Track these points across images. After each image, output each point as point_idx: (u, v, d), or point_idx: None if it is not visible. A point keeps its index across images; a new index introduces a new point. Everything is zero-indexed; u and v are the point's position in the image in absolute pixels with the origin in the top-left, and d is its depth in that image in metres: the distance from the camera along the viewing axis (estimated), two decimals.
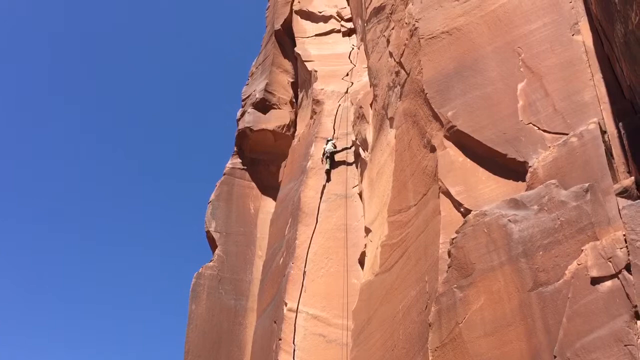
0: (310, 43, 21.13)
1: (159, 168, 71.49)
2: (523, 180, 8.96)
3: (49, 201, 66.49)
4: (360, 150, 15.30)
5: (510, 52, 10.26)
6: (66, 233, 66.50)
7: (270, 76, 21.50)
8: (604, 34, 8.69)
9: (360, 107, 15.81)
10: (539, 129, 9.18)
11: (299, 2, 22.81)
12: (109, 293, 66.13)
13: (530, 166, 8.90)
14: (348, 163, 16.04)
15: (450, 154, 10.23)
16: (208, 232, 19.21)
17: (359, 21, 19.51)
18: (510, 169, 9.29)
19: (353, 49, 20.05)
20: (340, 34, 21.34)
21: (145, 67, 71.55)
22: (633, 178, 7.76)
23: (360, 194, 14.84)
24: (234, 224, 19.35)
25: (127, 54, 72.33)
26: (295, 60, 21.34)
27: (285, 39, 22.40)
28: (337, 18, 21.88)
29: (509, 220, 8.39)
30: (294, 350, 12.86)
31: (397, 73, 13.01)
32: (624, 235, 7.19)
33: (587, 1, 9.47)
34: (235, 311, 17.59)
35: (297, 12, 22.50)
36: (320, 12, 22.21)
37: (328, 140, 16.52)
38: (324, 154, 16.29)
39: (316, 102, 18.08)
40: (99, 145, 68.97)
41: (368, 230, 13.32)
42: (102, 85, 70.12)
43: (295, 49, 21.16)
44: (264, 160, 20.72)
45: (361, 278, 13.14)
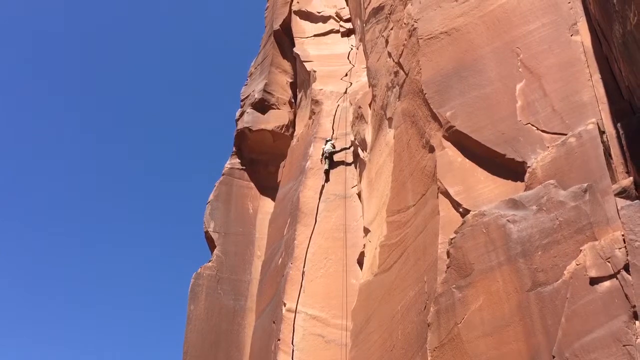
0: (309, 43, 21.14)
1: (158, 168, 71.49)
2: (522, 180, 8.96)
3: (48, 201, 66.49)
4: (359, 150, 15.30)
5: (509, 53, 10.26)
6: (65, 233, 66.52)
7: (269, 76, 21.50)
8: (603, 35, 8.69)
9: (359, 108, 15.81)
10: (538, 129, 9.18)
11: (298, 3, 22.81)
12: (108, 293, 66.16)
13: (529, 166, 8.90)
14: (347, 163, 16.04)
15: (449, 154, 10.23)
16: (207, 233, 19.20)
17: (358, 21, 19.51)
18: (509, 169, 9.29)
19: (352, 49, 20.05)
20: (339, 35, 21.34)
21: (144, 67, 71.57)
22: (631, 178, 7.77)
23: (359, 194, 14.84)
24: (233, 224, 19.34)
25: (127, 54, 72.33)
26: (294, 60, 21.33)
27: (284, 39, 22.39)
28: (336, 18, 21.89)
29: (508, 220, 8.39)
30: (293, 350, 12.85)
31: (396, 73, 13.01)
32: (623, 235, 7.20)
33: (586, 2, 9.47)
34: (234, 311, 17.59)
35: (296, 13, 22.50)
36: (319, 13, 22.22)
37: (327, 141, 16.52)
38: (323, 154, 16.29)
39: (315, 103, 18.07)
40: (98, 145, 68.99)
41: (367, 231, 13.32)
42: (102, 85, 70.14)
43: (294, 49, 21.16)
44: (263, 160, 20.72)
45: (360, 278, 13.12)
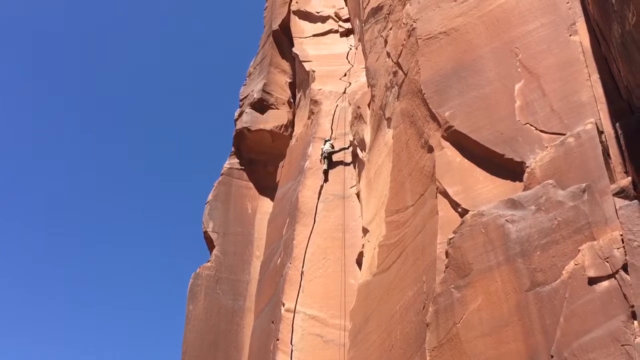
0: (308, 43, 21.14)
1: (157, 168, 71.48)
2: (520, 180, 8.96)
3: (48, 201, 66.46)
4: (358, 150, 15.30)
5: (507, 53, 10.26)
6: (65, 233, 66.50)
7: (268, 76, 21.50)
8: (601, 35, 8.70)
9: (358, 108, 15.81)
10: (537, 129, 9.18)
11: (297, 3, 22.81)
12: (107, 293, 66.15)
13: (527, 166, 8.90)
14: (346, 163, 16.04)
15: (448, 154, 10.23)
16: (205, 233, 19.18)
17: (357, 21, 19.51)
18: (508, 169, 9.29)
19: (351, 49, 20.05)
20: (338, 34, 21.35)
21: (144, 67, 71.55)
22: (630, 178, 7.77)
23: (358, 194, 14.83)
24: (232, 224, 19.33)
25: (126, 54, 72.31)
26: (293, 60, 21.32)
27: (283, 39, 22.39)
28: (335, 18, 21.90)
29: (507, 220, 8.39)
30: (292, 350, 12.84)
31: (395, 73, 13.01)
32: (621, 235, 7.20)
33: (584, 2, 9.47)
34: (232, 311, 17.58)
35: (295, 13, 22.50)
36: (318, 13, 22.23)
37: (326, 141, 16.52)
38: (322, 154, 16.28)
39: (314, 103, 18.07)
40: (98, 145, 68.99)
41: (366, 231, 13.31)
42: (102, 86, 70.13)
43: (293, 49, 21.16)
44: (262, 160, 20.71)
45: (359, 278, 13.12)
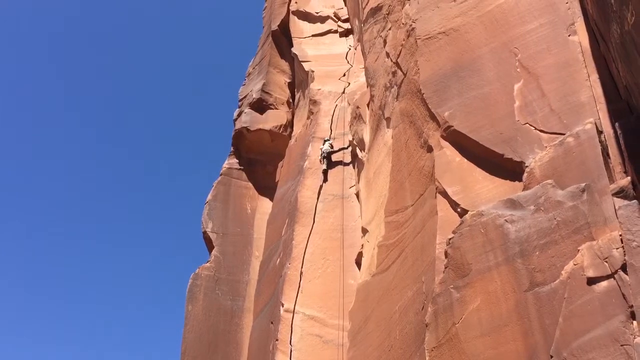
0: (307, 43, 21.14)
1: (157, 168, 71.45)
2: (520, 180, 8.95)
3: (48, 201, 66.43)
4: (357, 150, 15.29)
5: (507, 53, 10.26)
6: (65, 233, 66.46)
7: (267, 76, 21.50)
8: (600, 35, 8.70)
9: (357, 108, 15.80)
10: (536, 129, 9.18)
11: (296, 3, 22.82)
12: (106, 293, 66.16)
13: (526, 166, 8.90)
14: (345, 163, 16.04)
15: (447, 154, 10.22)
16: (205, 233, 19.17)
17: (356, 22, 19.51)
18: (507, 169, 9.29)
19: (350, 49, 20.06)
20: (337, 35, 21.36)
21: (143, 67, 71.54)
22: (629, 178, 7.77)
23: (357, 194, 14.83)
24: (231, 224, 19.33)
25: (126, 54, 72.30)
26: (292, 60, 21.33)
27: (282, 39, 22.39)
28: (334, 18, 21.91)
29: (506, 220, 8.38)
30: (291, 350, 12.84)
31: (394, 73, 13.01)
32: (620, 235, 7.20)
33: (583, 2, 9.47)
34: (232, 312, 17.58)
35: (294, 13, 22.51)
36: (317, 13, 22.24)
37: (325, 141, 16.52)
38: (321, 154, 16.28)
39: (313, 103, 18.08)
40: (97, 145, 69.00)
41: (365, 231, 13.31)
42: (101, 85, 70.11)
43: (292, 49, 21.17)
44: (261, 160, 20.71)
45: (358, 278, 13.11)
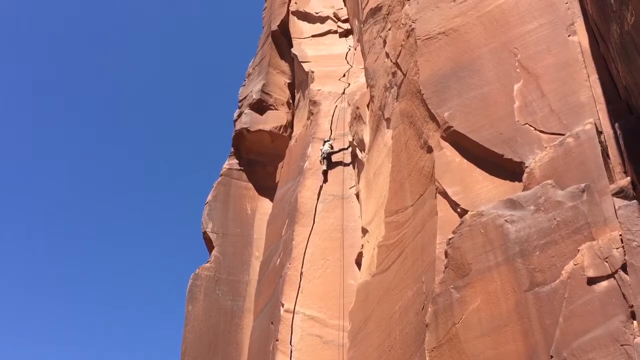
0: (307, 44, 21.15)
1: (157, 168, 71.46)
2: (520, 180, 8.96)
3: (48, 201, 66.42)
4: (357, 151, 15.30)
5: (506, 53, 10.27)
6: (65, 233, 66.46)
7: (267, 77, 21.51)
8: (600, 35, 8.70)
9: (357, 108, 15.81)
10: (536, 129, 9.18)
11: (296, 3, 22.83)
12: (106, 293, 66.16)
13: (526, 166, 8.90)
14: (345, 164, 16.04)
15: (447, 154, 10.23)
16: (205, 233, 19.18)
17: (356, 22, 19.52)
18: (507, 169, 9.29)
19: (350, 49, 20.06)
20: (337, 35, 21.36)
21: (143, 67, 71.56)
22: (629, 178, 7.77)
23: (357, 195, 14.84)
24: (231, 224, 19.34)
25: (126, 54, 72.30)
26: (292, 61, 21.33)
27: (282, 39, 22.40)
28: (334, 19, 21.91)
29: (506, 220, 8.39)
30: (291, 351, 12.84)
31: (394, 74, 13.01)
32: (620, 235, 7.20)
33: (583, 2, 9.48)
34: (232, 312, 17.58)
35: (294, 13, 22.51)
36: (316, 13, 22.24)
37: (325, 141, 16.53)
38: (321, 155, 16.29)
39: (313, 103, 18.08)
40: (97, 145, 69.01)
41: (365, 231, 13.31)
42: (102, 85, 70.14)
43: (292, 49, 21.17)
44: (261, 161, 20.71)
45: (358, 279, 13.12)
